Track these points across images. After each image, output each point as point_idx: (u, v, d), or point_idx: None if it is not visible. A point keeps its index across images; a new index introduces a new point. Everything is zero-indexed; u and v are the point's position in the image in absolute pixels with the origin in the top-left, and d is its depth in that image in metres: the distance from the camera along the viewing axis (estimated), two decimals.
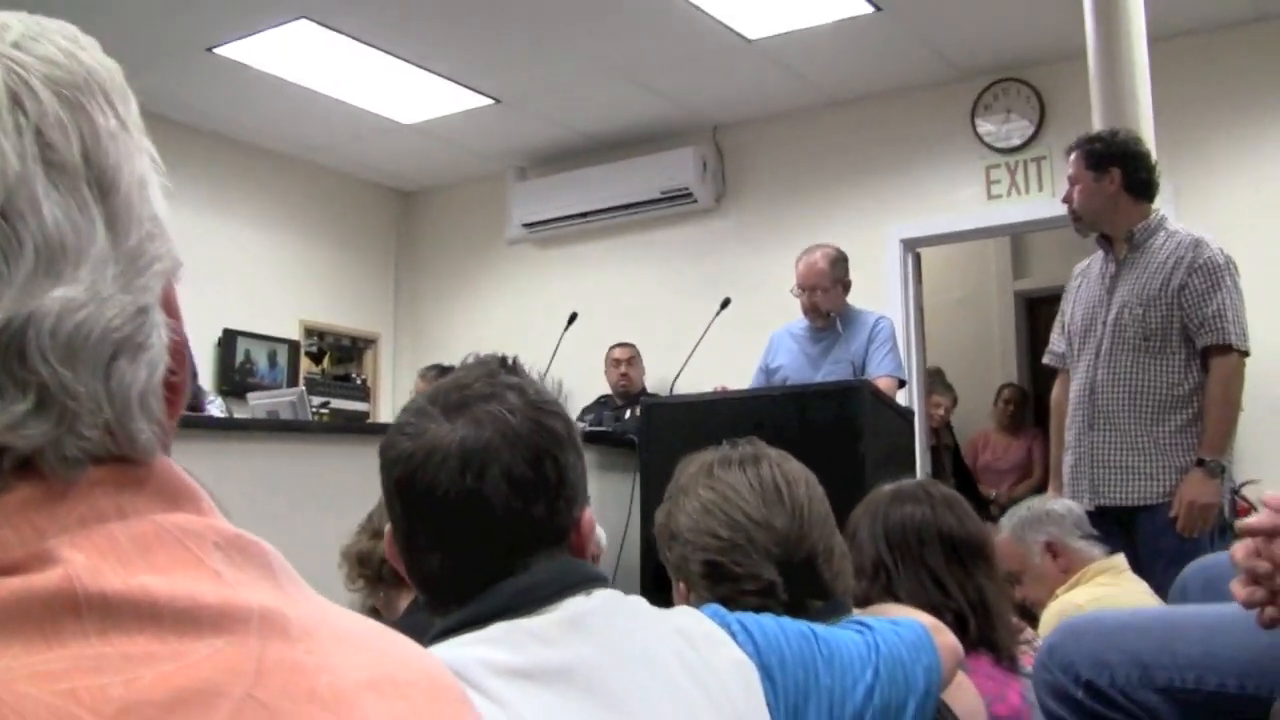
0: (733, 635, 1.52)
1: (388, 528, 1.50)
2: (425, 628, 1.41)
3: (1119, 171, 4.28)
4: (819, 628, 1.63)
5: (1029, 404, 8.29)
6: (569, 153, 8.70)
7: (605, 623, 1.40)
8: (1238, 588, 1.63)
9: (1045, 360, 4.77)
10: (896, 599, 2.27)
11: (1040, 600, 3.50)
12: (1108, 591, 3.35)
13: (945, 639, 1.78)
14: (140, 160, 0.77)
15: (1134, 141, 4.38)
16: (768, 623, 1.58)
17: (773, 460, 1.88)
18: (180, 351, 0.75)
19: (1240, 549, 1.62)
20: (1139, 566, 4.04)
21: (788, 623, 1.60)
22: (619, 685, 1.33)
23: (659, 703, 1.35)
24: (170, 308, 0.75)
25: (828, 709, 1.53)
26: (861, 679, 1.58)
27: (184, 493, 0.72)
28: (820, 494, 1.89)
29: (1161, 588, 3.28)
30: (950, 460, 8.30)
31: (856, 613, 1.87)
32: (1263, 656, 1.72)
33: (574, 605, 1.39)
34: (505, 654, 1.31)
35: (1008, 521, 3.67)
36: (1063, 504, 3.66)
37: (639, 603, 1.49)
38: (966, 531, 2.38)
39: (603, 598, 1.44)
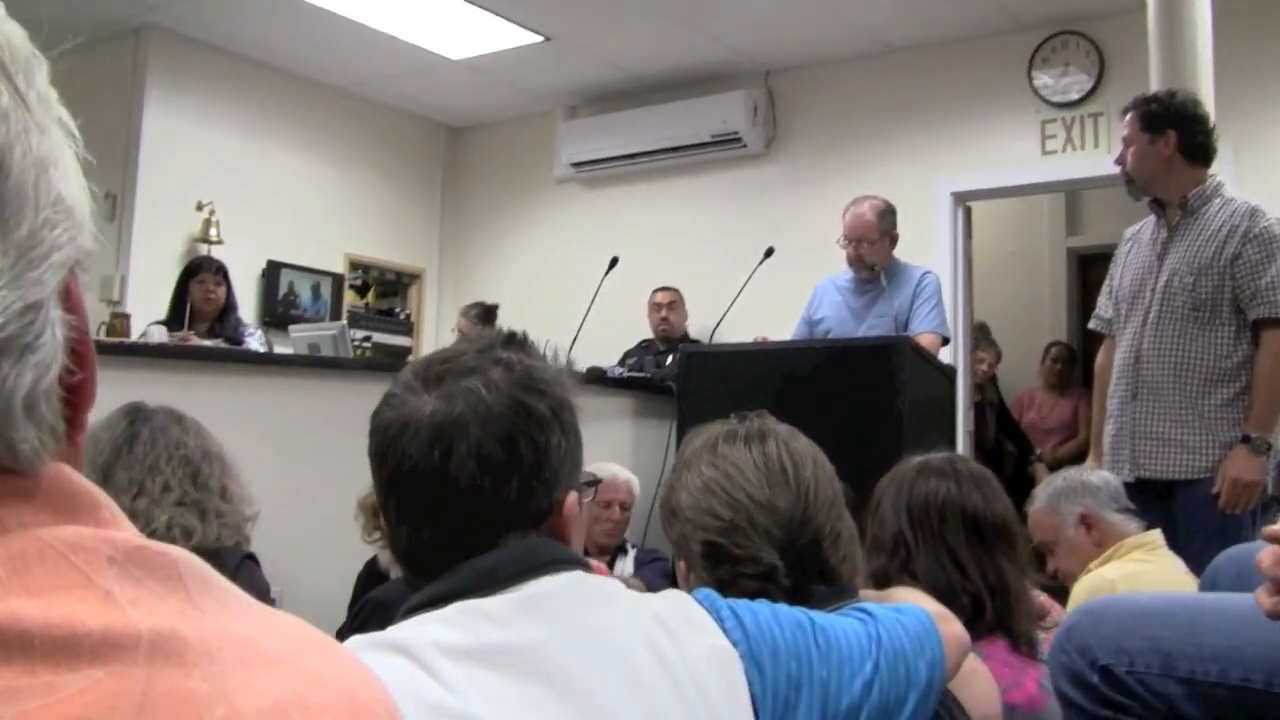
0: (721, 621, 1.44)
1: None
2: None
3: (1175, 134, 4.17)
4: (817, 615, 1.55)
5: (1077, 363, 8.15)
6: (619, 93, 8.60)
7: (563, 605, 1.35)
8: (1264, 597, 1.55)
9: (1091, 325, 4.67)
10: (914, 576, 2.21)
11: (1072, 573, 3.43)
12: (1142, 568, 3.27)
13: (951, 629, 1.69)
14: (43, 138, 0.68)
15: (1192, 104, 4.26)
16: (761, 609, 1.50)
17: (780, 437, 1.80)
18: (83, 350, 0.69)
19: (1268, 556, 1.54)
20: (1176, 541, 3.97)
21: (783, 610, 1.52)
22: (570, 669, 1.28)
23: (615, 689, 1.29)
24: (71, 302, 0.68)
25: (821, 702, 1.45)
26: (860, 672, 1.50)
27: (79, 504, 0.66)
28: (829, 474, 1.81)
29: (1199, 564, 3.19)
30: (994, 417, 8.21)
31: (868, 596, 1.81)
32: None
33: (534, 587, 1.35)
34: (456, 634, 1.27)
35: (1043, 491, 3.60)
36: (1100, 476, 3.57)
37: (610, 585, 1.44)
38: (992, 511, 2.31)
39: (566, 579, 1.39)
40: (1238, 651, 1.69)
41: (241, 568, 2.86)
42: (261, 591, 2.94)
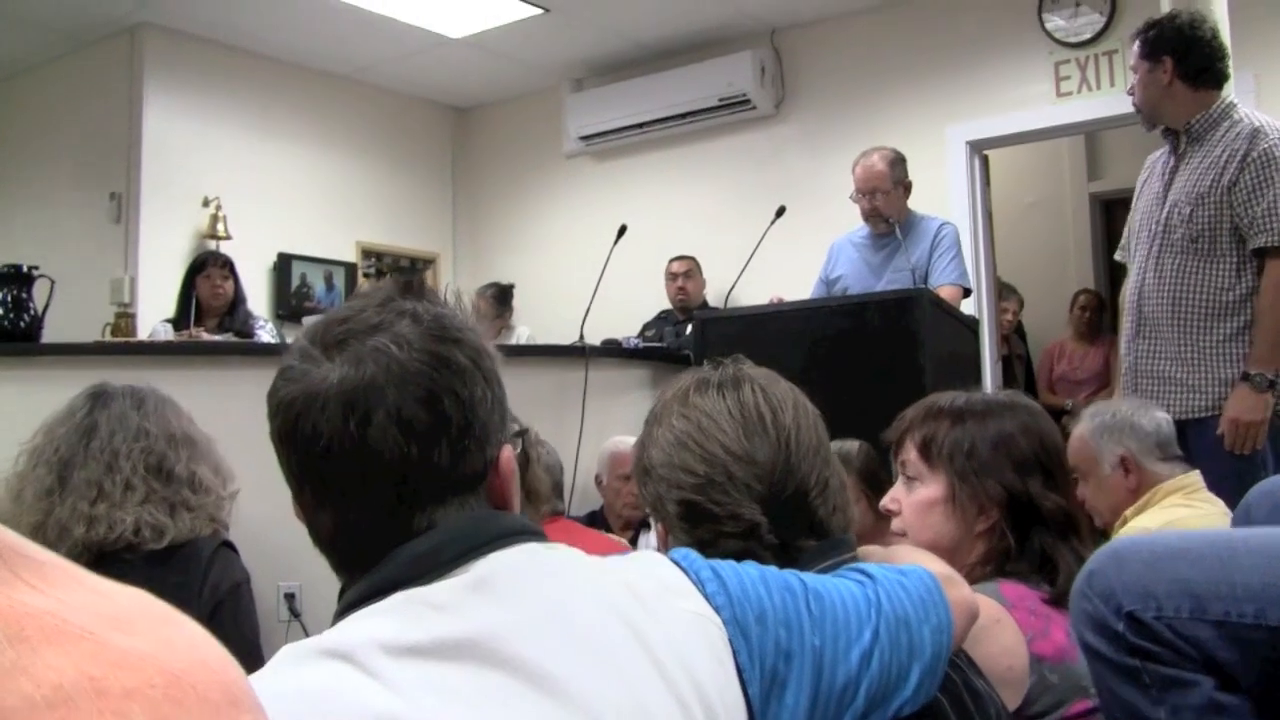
0: (702, 585, 1.30)
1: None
2: None
3: (1171, 60, 4.02)
4: (810, 578, 1.39)
5: (1106, 311, 8.02)
6: (624, 62, 8.49)
7: (519, 583, 1.20)
8: None
9: (1116, 256, 4.54)
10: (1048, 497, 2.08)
11: (1098, 509, 3.30)
12: (1180, 514, 3.13)
13: (959, 593, 1.53)
14: None
15: (1190, 25, 4.07)
16: (746, 570, 1.35)
17: (756, 382, 1.64)
18: None
19: None
20: None
21: (771, 572, 1.36)
22: (533, 654, 1.13)
23: (586, 672, 1.14)
24: None
25: (814, 675, 1.29)
26: (858, 641, 1.34)
27: None
28: (813, 419, 1.66)
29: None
30: (1023, 372, 8.09)
31: (869, 555, 1.67)
32: None
33: (482, 566, 1.20)
34: (399, 629, 1.13)
35: (1089, 419, 3.43)
36: (1153, 419, 3.38)
37: (570, 555, 1.29)
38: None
39: (519, 554, 1.24)
40: (1274, 589, 1.55)
41: (217, 556, 2.76)
42: (238, 579, 2.84)
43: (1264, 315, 3.84)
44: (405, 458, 1.21)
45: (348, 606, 1.20)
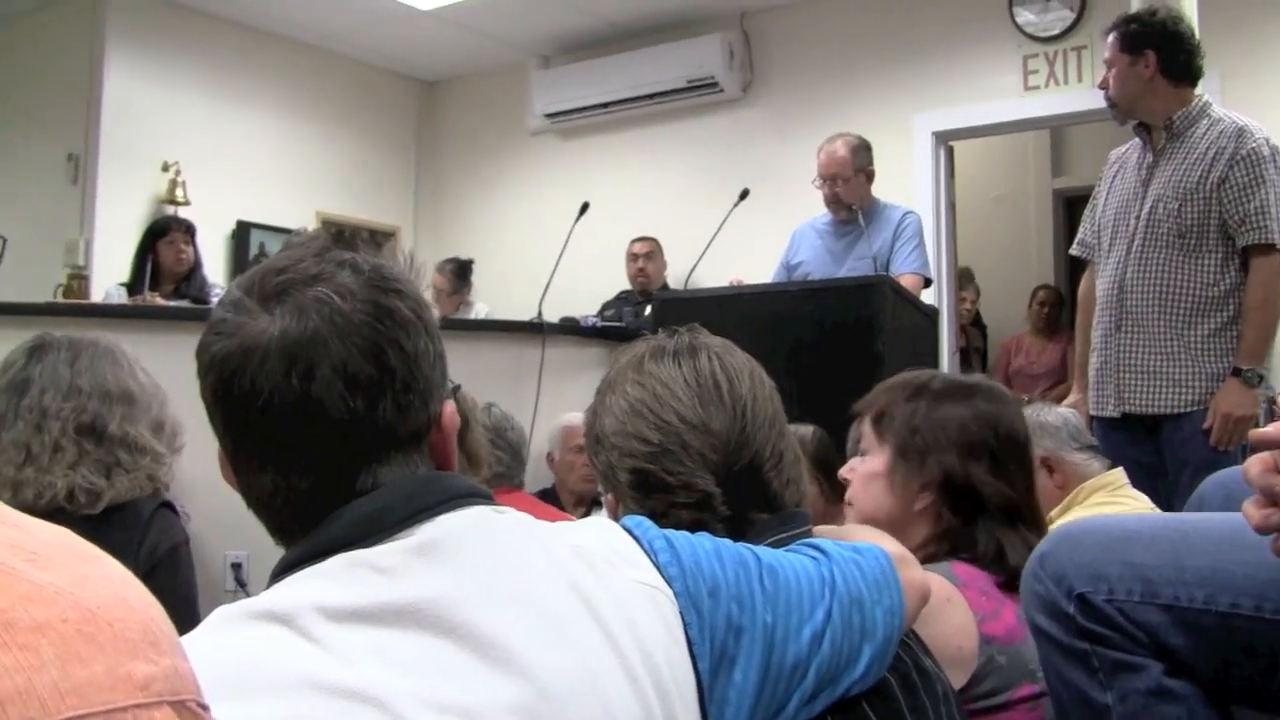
0: (655, 555, 1.26)
1: (219, 448, 1.25)
2: None
3: (1155, 54, 4.02)
4: (765, 553, 1.36)
5: (1065, 307, 8.04)
6: (592, 41, 8.44)
7: (466, 547, 1.16)
8: (1251, 509, 1.39)
9: (1073, 251, 4.53)
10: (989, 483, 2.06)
11: None
12: (1105, 512, 3.12)
13: (911, 574, 1.51)
14: None
15: (1172, 21, 4.08)
16: (700, 541, 1.31)
17: (713, 351, 1.61)
18: None
19: (1255, 464, 1.38)
20: (1164, 476, 3.84)
21: (725, 545, 1.33)
22: (481, 621, 1.09)
23: (535, 640, 1.11)
24: None
25: (763, 652, 1.26)
26: (810, 620, 1.31)
27: None
28: (769, 390, 1.63)
29: (1187, 499, 3.06)
30: (980, 364, 8.12)
31: (822, 532, 1.64)
32: None
33: (428, 530, 1.16)
34: (342, 592, 1.08)
35: None
36: (1058, 414, 3.37)
37: (518, 520, 1.24)
38: (1025, 434, 2.19)
39: (466, 518, 1.20)
40: (1224, 574, 1.54)
41: (156, 517, 2.67)
42: (177, 540, 2.74)
43: (1254, 311, 3.86)
44: (350, 413, 1.17)
45: (286, 568, 1.15)
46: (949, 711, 1.50)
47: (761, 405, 1.59)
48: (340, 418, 1.17)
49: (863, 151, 5.29)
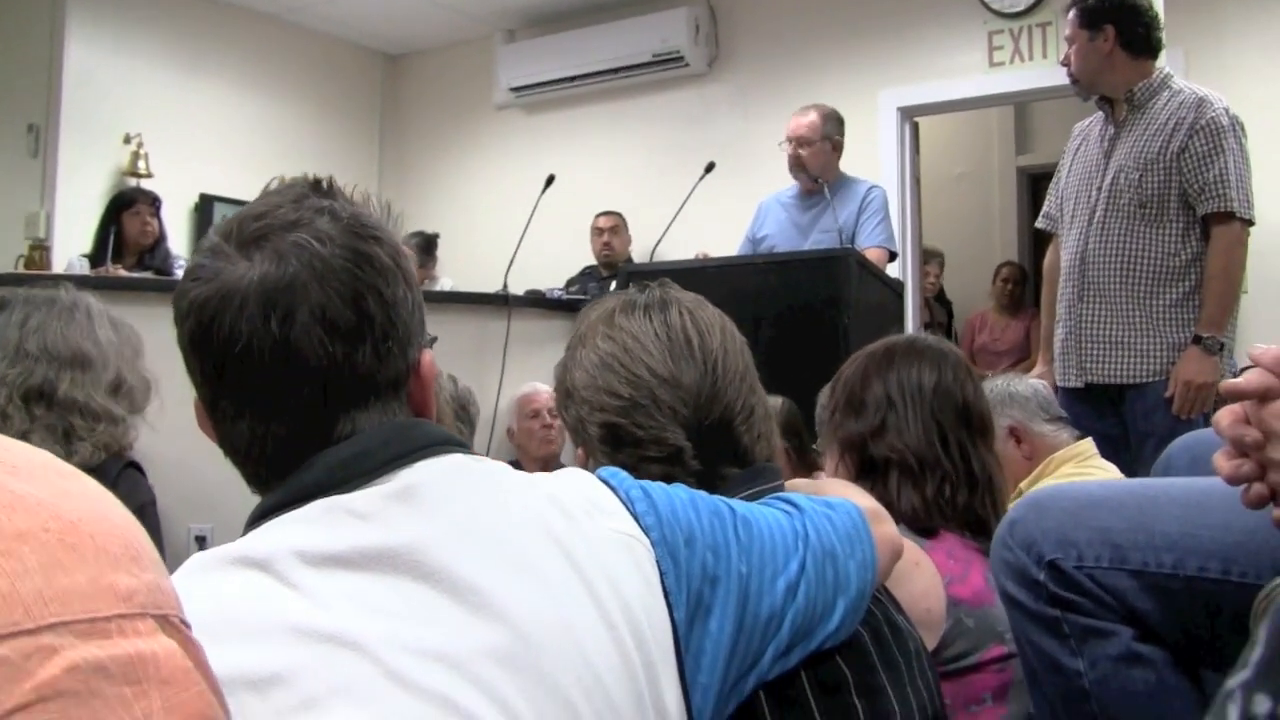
0: (631, 504, 1.26)
1: (195, 397, 1.25)
2: None
3: (1113, 28, 4.05)
4: (739, 505, 1.36)
5: (1029, 283, 8.08)
6: (558, 14, 8.40)
7: (443, 494, 1.16)
8: (1221, 460, 1.39)
9: (1038, 224, 4.56)
10: (891, 444, 2.07)
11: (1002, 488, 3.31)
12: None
13: (884, 529, 1.52)
14: None
15: None
16: (676, 493, 1.31)
17: (684, 305, 1.62)
18: None
19: (1226, 415, 1.38)
20: (1127, 447, 3.87)
21: (701, 496, 1.33)
22: (459, 566, 1.09)
23: (513, 585, 1.11)
24: None
25: (738, 602, 1.26)
26: (784, 571, 1.31)
27: None
28: (739, 345, 1.64)
29: (1151, 470, 3.08)
30: (944, 337, 8.13)
31: (796, 486, 1.65)
32: (1250, 537, 1.50)
33: (407, 476, 1.16)
34: (320, 537, 1.08)
35: None
36: (1028, 384, 3.39)
37: (496, 468, 1.24)
38: (981, 402, 2.19)
39: (445, 464, 1.20)
40: (1192, 539, 1.55)
41: (122, 477, 2.60)
42: (143, 500, 2.67)
43: (1214, 279, 3.89)
44: (329, 359, 1.17)
45: (263, 514, 1.15)
46: (920, 667, 1.51)
47: (732, 360, 1.59)
48: (319, 364, 1.16)
49: (833, 121, 5.30)
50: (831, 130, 5.29)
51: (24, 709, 0.51)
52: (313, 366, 1.16)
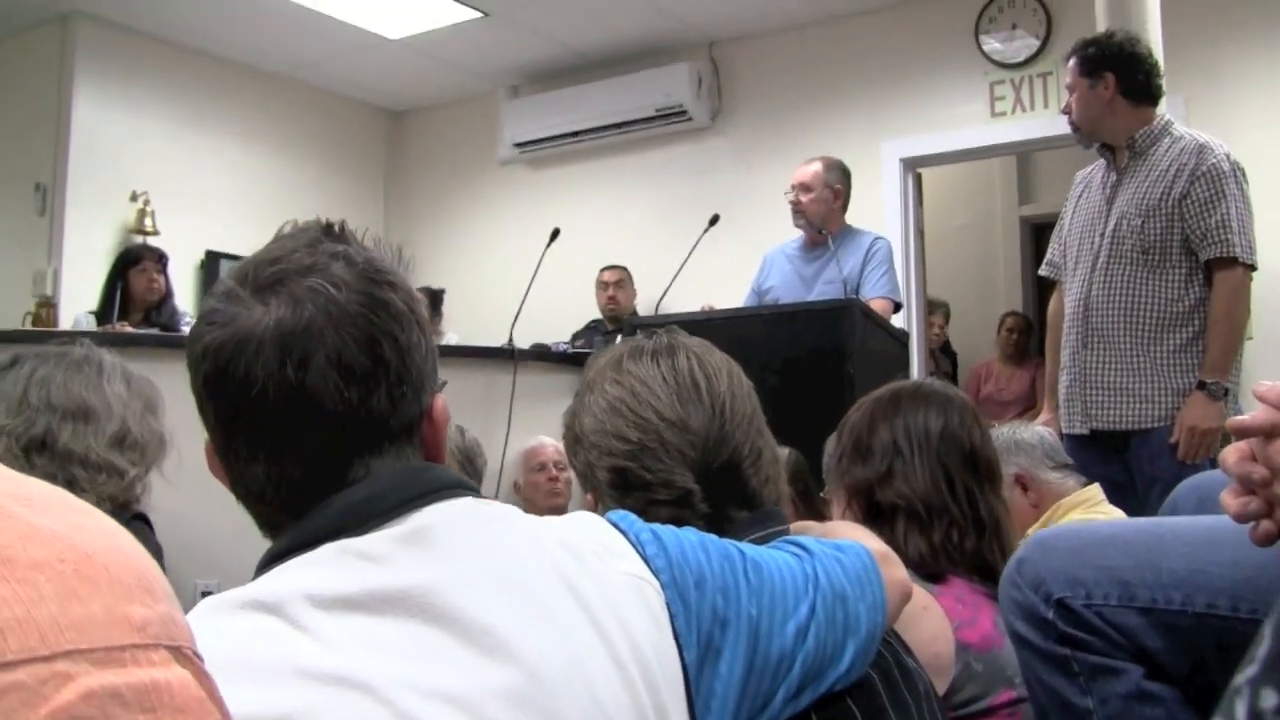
0: (641, 547, 1.26)
1: (206, 439, 1.25)
2: None
3: (1113, 76, 4.08)
4: (748, 548, 1.36)
5: (1033, 333, 8.09)
6: (561, 70, 8.46)
7: (455, 537, 1.16)
8: (1229, 498, 1.40)
9: (1041, 271, 4.57)
10: (898, 491, 2.06)
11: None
12: None
13: (894, 573, 1.52)
14: None
15: (1129, 43, 4.15)
16: (686, 536, 1.31)
17: (691, 351, 1.63)
18: None
19: (1232, 452, 1.39)
20: (1134, 493, 3.86)
21: (710, 539, 1.33)
22: (470, 609, 1.09)
23: (525, 628, 1.10)
24: None
25: (749, 645, 1.26)
26: (794, 615, 1.31)
27: None
28: (746, 389, 1.65)
29: (1157, 514, 3.07)
30: None
31: (805, 529, 1.65)
32: (1259, 573, 1.50)
33: (418, 519, 1.16)
34: (331, 580, 1.08)
35: None
36: (1034, 432, 3.38)
37: (507, 512, 1.25)
38: (988, 448, 2.18)
39: (456, 507, 1.20)
40: (1201, 575, 1.55)
41: (130, 530, 2.59)
42: (151, 553, 2.66)
43: (1217, 324, 3.90)
44: (344, 403, 1.17)
45: (274, 558, 1.15)
46: (930, 709, 1.51)
47: (740, 403, 1.60)
48: (335, 408, 1.17)
49: (835, 170, 5.32)
50: (833, 179, 5.31)
51: None
52: (328, 411, 1.17)
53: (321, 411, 1.17)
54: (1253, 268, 3.92)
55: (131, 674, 0.57)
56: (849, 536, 1.56)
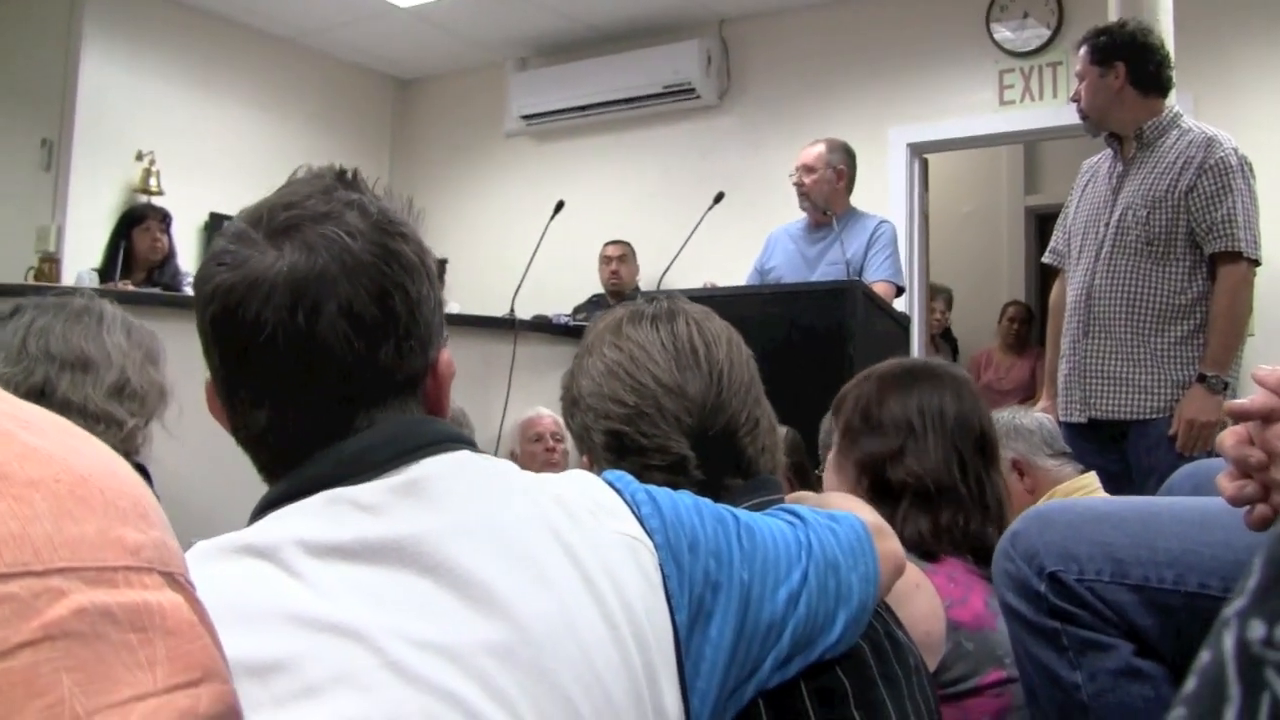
0: (636, 507, 1.26)
1: (206, 378, 1.25)
2: None
3: (1124, 66, 4.08)
4: (742, 514, 1.36)
5: (1034, 323, 8.09)
6: (570, 44, 8.44)
7: (449, 489, 1.16)
8: (1225, 482, 1.40)
9: (1045, 258, 4.57)
10: (910, 468, 2.04)
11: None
12: None
13: (888, 545, 1.52)
14: None
15: (1141, 33, 4.14)
16: (681, 499, 1.31)
17: (691, 317, 1.63)
18: None
19: (1230, 436, 1.39)
20: (1129, 483, 3.86)
21: (705, 503, 1.33)
22: (461, 560, 1.09)
23: (515, 581, 1.10)
24: None
25: (739, 609, 1.26)
26: (785, 581, 1.31)
27: None
28: (745, 357, 1.65)
29: None
30: None
31: (801, 499, 1.65)
32: (1252, 556, 1.51)
33: (413, 470, 1.15)
34: (324, 528, 1.08)
35: None
36: (1033, 418, 3.38)
37: (503, 467, 1.25)
38: (993, 431, 2.17)
39: (452, 460, 1.19)
40: (1194, 555, 1.55)
41: None
42: None
43: (1219, 318, 3.90)
44: (352, 354, 1.17)
45: (268, 504, 1.15)
46: (920, 682, 1.51)
47: (738, 371, 1.60)
48: (342, 358, 1.17)
49: (839, 152, 5.31)
50: (837, 160, 5.30)
51: (30, 645, 0.51)
52: (336, 360, 1.17)
53: (329, 361, 1.16)
54: (1257, 263, 3.92)
55: (124, 594, 0.57)
56: (844, 508, 1.56)
